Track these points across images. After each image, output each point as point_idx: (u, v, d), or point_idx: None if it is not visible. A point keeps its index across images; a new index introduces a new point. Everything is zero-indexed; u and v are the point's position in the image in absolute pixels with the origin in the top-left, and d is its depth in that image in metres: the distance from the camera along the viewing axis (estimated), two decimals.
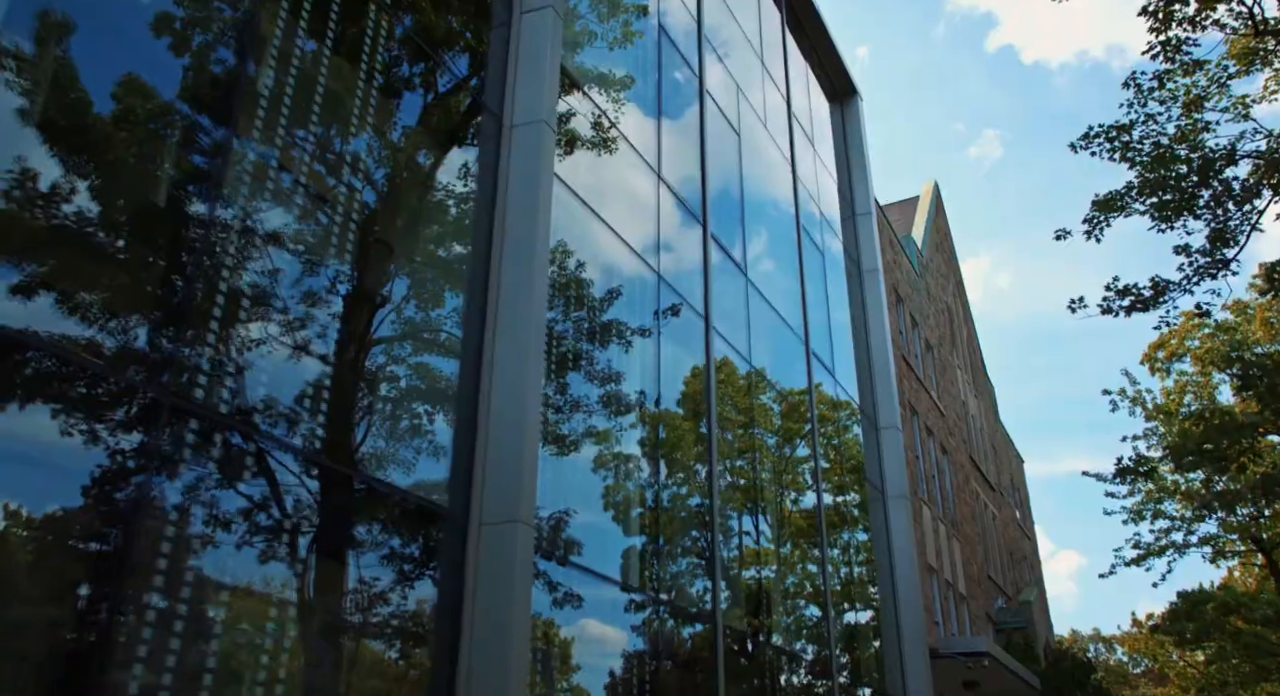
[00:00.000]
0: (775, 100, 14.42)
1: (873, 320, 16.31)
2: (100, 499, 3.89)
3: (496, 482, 5.84)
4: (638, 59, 9.87)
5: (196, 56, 4.83)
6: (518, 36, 7.49)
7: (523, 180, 6.79)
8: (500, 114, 7.19)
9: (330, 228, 5.46)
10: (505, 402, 6.08)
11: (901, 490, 14.98)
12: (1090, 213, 13.37)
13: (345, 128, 5.77)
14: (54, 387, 3.79)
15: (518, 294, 6.39)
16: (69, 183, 3.97)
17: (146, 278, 4.34)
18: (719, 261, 10.54)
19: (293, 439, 4.88)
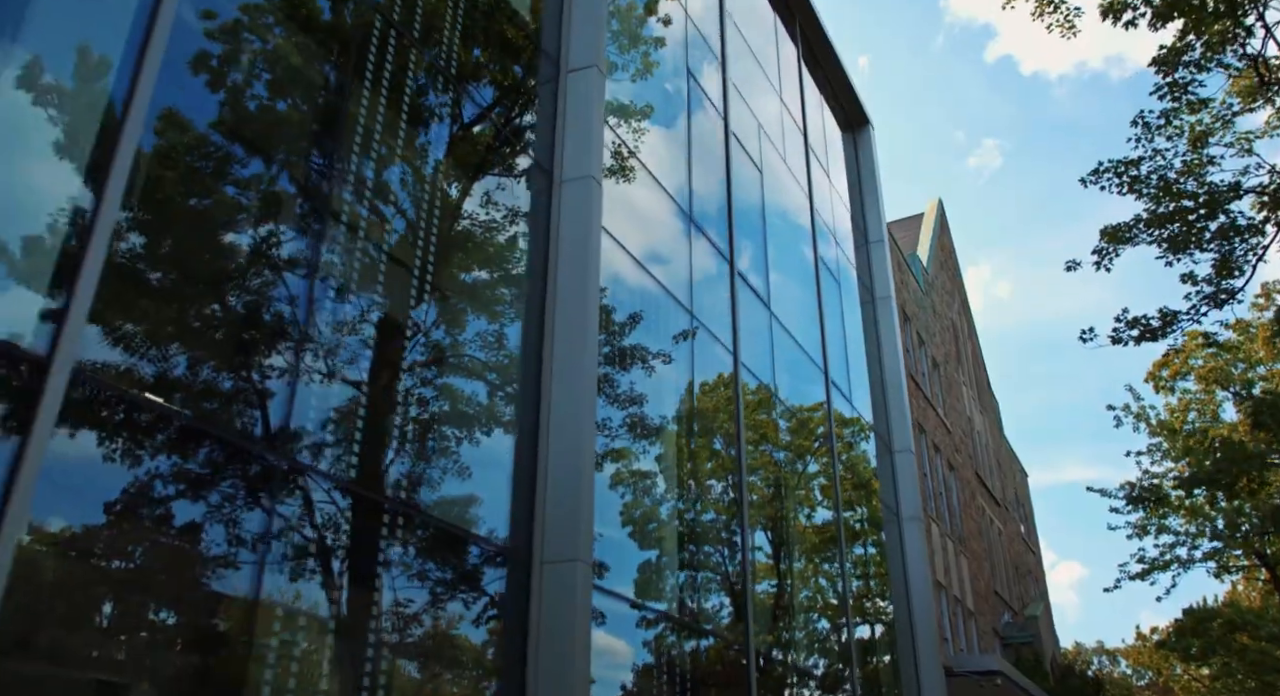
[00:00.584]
0: (793, 135, 14.87)
1: (886, 345, 16.73)
2: (204, 541, 4.30)
3: (556, 524, 6.24)
4: (670, 105, 10.32)
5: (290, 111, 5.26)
6: (564, 93, 7.93)
7: (573, 235, 7.22)
8: (550, 169, 7.63)
9: (402, 278, 5.88)
10: (562, 447, 6.49)
11: (915, 512, 15.36)
12: (1099, 243, 13.82)
13: (411, 181, 6.20)
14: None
15: (571, 344, 6.81)
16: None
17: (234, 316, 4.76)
18: (745, 298, 10.97)
19: (371, 487, 5.29)
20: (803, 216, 14.51)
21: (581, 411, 6.60)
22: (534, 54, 8.01)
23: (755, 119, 13.05)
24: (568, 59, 8.10)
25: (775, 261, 12.53)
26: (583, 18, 8.22)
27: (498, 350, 6.77)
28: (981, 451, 37.46)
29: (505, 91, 7.70)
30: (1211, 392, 29.38)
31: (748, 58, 13.44)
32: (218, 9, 4.95)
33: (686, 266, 9.69)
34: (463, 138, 7.09)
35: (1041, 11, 14.17)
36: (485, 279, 7.00)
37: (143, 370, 4.15)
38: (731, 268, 10.76)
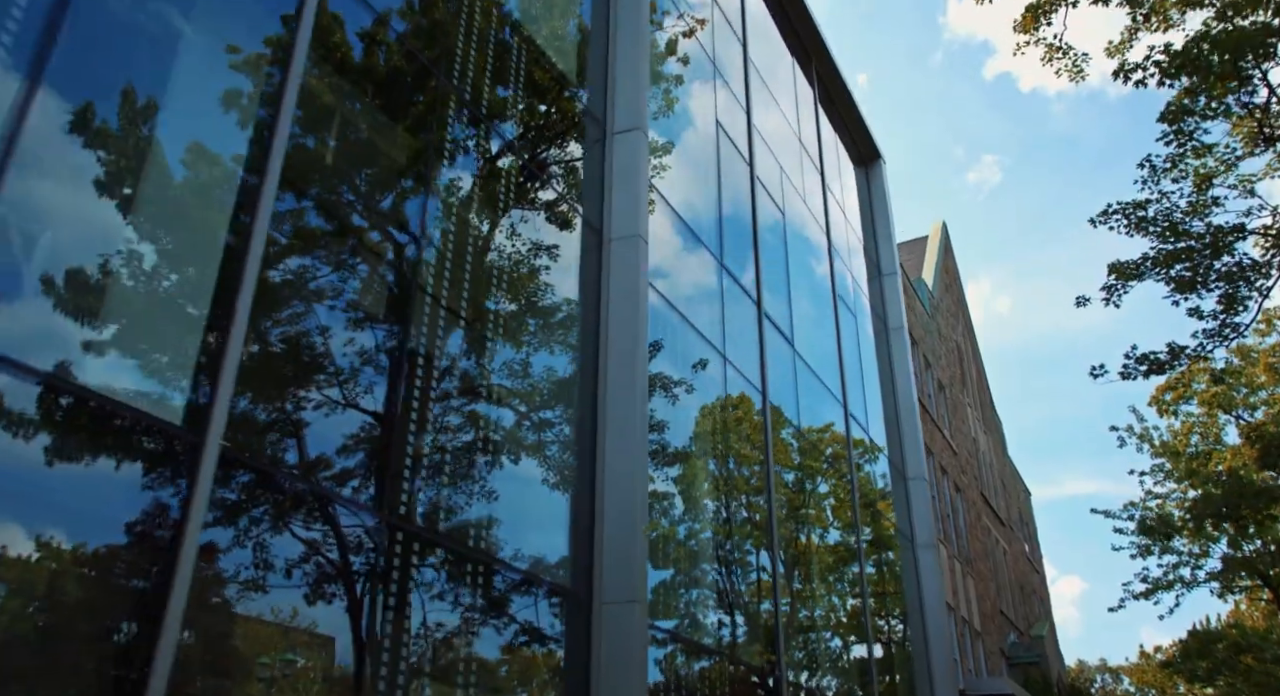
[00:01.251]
0: (811, 174, 15.41)
1: (899, 375, 17.21)
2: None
3: (613, 568, 6.70)
4: (702, 157, 10.84)
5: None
6: (611, 154, 8.44)
7: (622, 294, 7.71)
8: (600, 228, 8.13)
9: (473, 339, 6.36)
10: (616, 497, 6.95)
11: (930, 539, 15.80)
12: (1108, 280, 14.34)
13: (472, 237, 6.69)
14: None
15: (623, 398, 7.29)
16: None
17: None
18: (772, 337, 11.46)
19: (450, 533, 5.76)
20: (821, 253, 15.02)
21: (634, 464, 7.07)
22: (582, 115, 8.52)
23: (777, 163, 13.57)
24: (613, 121, 8.62)
25: (797, 300, 13.03)
26: (626, 82, 8.74)
27: (556, 402, 7.24)
28: (986, 472, 37.80)
29: (556, 151, 8.20)
30: (1214, 416, 29.87)
31: (770, 103, 13.98)
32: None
33: (719, 310, 10.18)
34: (519, 194, 7.58)
35: (1051, 58, 14.72)
36: (541, 332, 7.48)
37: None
38: (759, 310, 11.26)
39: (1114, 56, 15.10)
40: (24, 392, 3.56)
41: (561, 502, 6.95)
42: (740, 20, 13.55)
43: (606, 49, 9.00)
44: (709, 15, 12.21)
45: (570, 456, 7.14)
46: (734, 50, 13.00)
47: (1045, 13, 14.92)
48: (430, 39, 6.65)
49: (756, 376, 10.78)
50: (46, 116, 3.87)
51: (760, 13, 14.78)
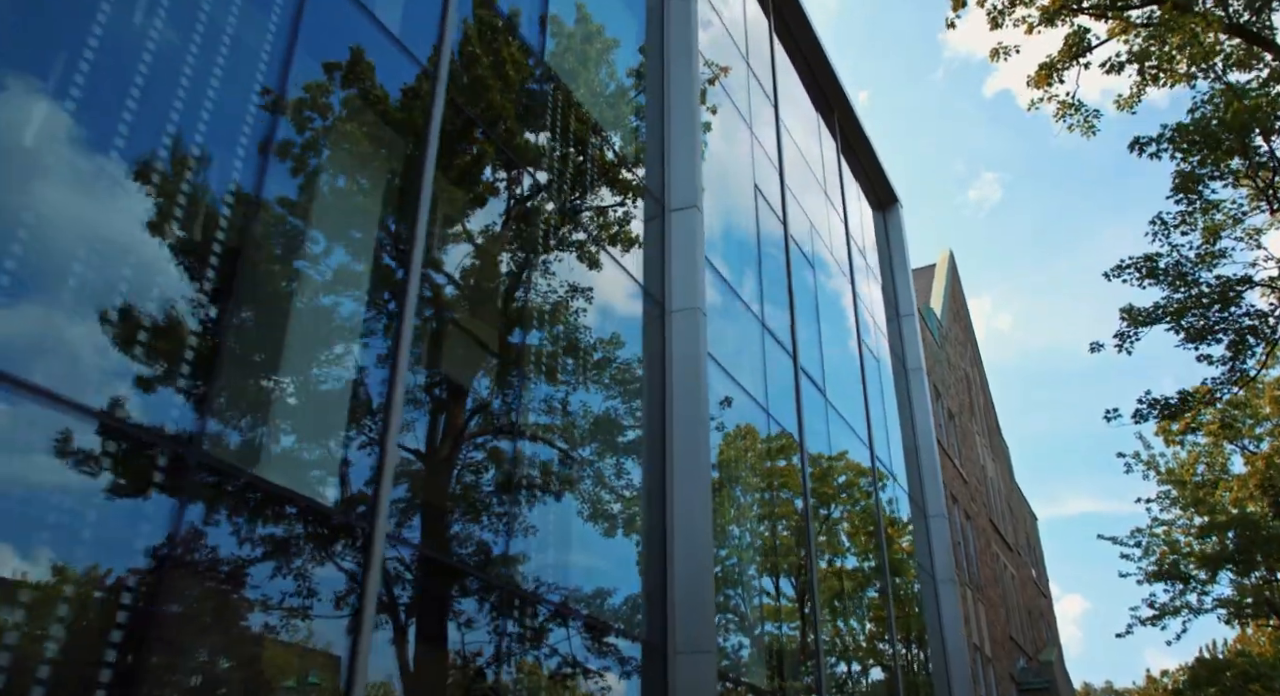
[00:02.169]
0: (836, 224, 16.13)
1: (918, 415, 17.85)
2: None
3: (687, 620, 7.34)
4: (743, 220, 11.55)
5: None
6: (669, 230, 9.14)
7: (685, 362, 8.39)
8: (661, 300, 8.82)
9: (551, 403, 7.03)
10: (686, 552, 7.60)
11: (950, 575, 16.40)
12: (1121, 327, 15.05)
13: (546, 308, 7.38)
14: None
15: (689, 460, 7.95)
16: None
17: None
18: (806, 388, 12.13)
19: (537, 588, 6.41)
20: (847, 300, 15.72)
21: (703, 523, 7.72)
22: (641, 192, 9.22)
23: (807, 217, 14.29)
24: (670, 199, 9.32)
25: (827, 349, 13.71)
26: (681, 163, 9.45)
27: (628, 455, 7.90)
28: (994, 498, 38.27)
29: (619, 227, 8.89)
30: (1220, 447, 30.48)
31: (799, 160, 14.72)
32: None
33: (761, 367, 10.85)
34: (588, 267, 8.26)
35: (1064, 115, 15.47)
36: (610, 394, 8.14)
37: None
38: (795, 364, 11.94)
39: (1124, 109, 15.86)
40: (240, 492, 4.22)
41: (634, 553, 7.59)
42: (771, 81, 14.29)
43: (662, 131, 9.71)
44: (745, 82, 12.95)
45: (640, 510, 7.78)
46: (766, 112, 13.73)
47: (1058, 71, 15.69)
48: (486, 106, 7.36)
49: (794, 425, 11.44)
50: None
51: (786, 67, 15.53)
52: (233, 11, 4.72)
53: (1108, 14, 14.04)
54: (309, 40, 5.22)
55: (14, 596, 3.25)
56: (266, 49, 4.91)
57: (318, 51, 5.34)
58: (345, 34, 5.65)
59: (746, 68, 13.20)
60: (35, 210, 3.64)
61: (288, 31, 5.08)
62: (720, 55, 11.95)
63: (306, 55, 5.20)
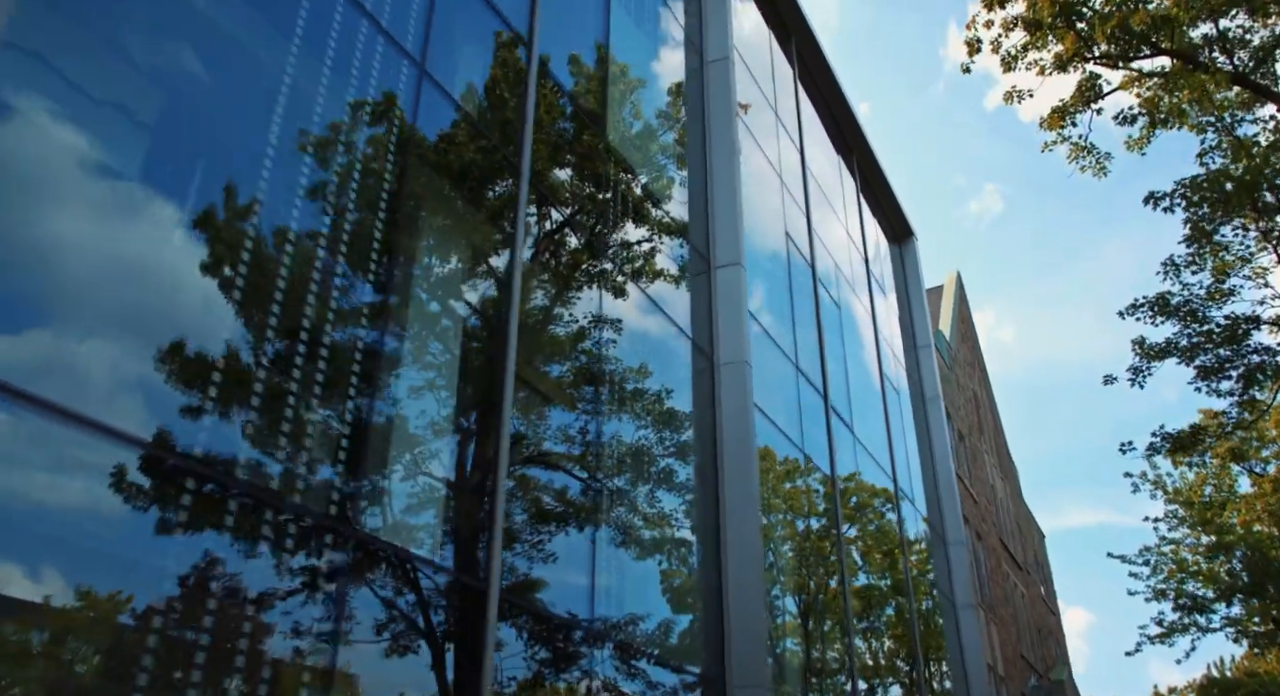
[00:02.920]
0: (857, 263, 16.77)
1: (936, 444, 18.44)
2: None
3: (742, 657, 7.92)
4: (775, 268, 12.18)
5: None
6: (715, 287, 9.76)
7: (734, 412, 8.99)
8: (709, 353, 9.43)
9: (605, 447, 7.63)
10: (741, 594, 8.18)
11: (969, 600, 16.93)
12: (1135, 362, 15.66)
13: (603, 361, 7.98)
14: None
15: (740, 506, 8.55)
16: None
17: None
18: (837, 427, 12.73)
19: (612, 634, 7.00)
20: (868, 335, 16.33)
21: (754, 565, 8.30)
22: (688, 248, 9.85)
23: (831, 258, 14.93)
24: (715, 256, 9.95)
25: (853, 385, 14.31)
26: (724, 223, 10.09)
27: (680, 506, 8.49)
28: (1004, 517, 38.66)
29: (667, 282, 9.50)
30: (1227, 469, 31.00)
31: (823, 203, 15.37)
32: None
33: (796, 408, 11.46)
34: (638, 323, 8.87)
35: (1076, 157, 16.12)
36: (665, 439, 8.74)
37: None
38: (825, 403, 12.54)
39: (1133, 150, 16.52)
40: (364, 555, 4.82)
41: (691, 594, 8.17)
42: (797, 127, 14.95)
43: (705, 191, 10.35)
44: (775, 131, 13.60)
45: (696, 555, 8.37)
46: (793, 157, 14.38)
47: (1070, 114, 16.35)
48: (540, 167, 8.00)
49: (826, 462, 12.04)
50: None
51: (809, 111, 16.19)
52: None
53: (1118, 64, 14.70)
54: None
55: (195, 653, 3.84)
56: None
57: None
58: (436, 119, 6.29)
59: (775, 117, 13.85)
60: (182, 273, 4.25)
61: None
62: (753, 107, 12.59)
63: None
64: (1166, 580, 36.77)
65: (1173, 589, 36.56)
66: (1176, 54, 14.24)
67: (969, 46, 16.95)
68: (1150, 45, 14.29)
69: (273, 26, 4.99)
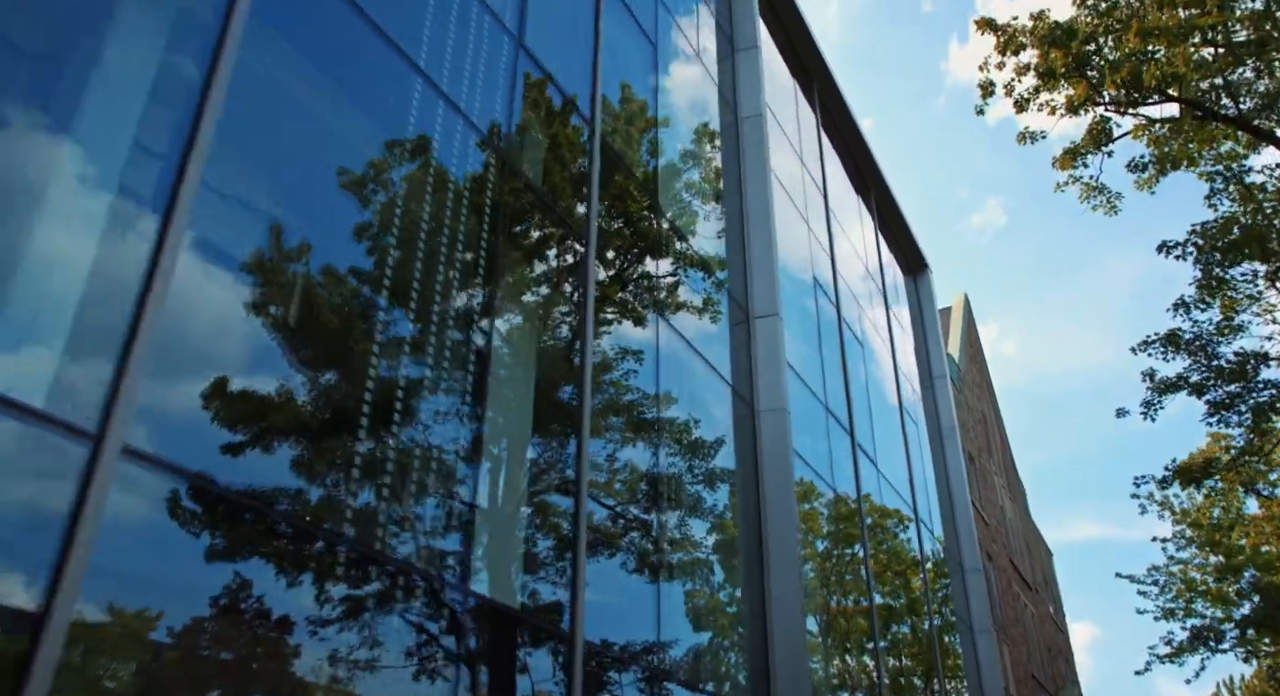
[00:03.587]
0: (877, 299, 17.36)
1: (953, 473, 18.97)
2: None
3: (785, 684, 8.44)
4: (804, 311, 12.75)
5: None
6: (754, 336, 10.33)
7: (774, 457, 9.54)
8: (749, 400, 9.99)
9: (654, 482, 8.18)
10: (783, 630, 8.71)
11: (986, 625, 17.42)
12: (1148, 396, 16.24)
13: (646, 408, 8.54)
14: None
15: (781, 538, 9.09)
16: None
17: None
18: (862, 462, 13.28)
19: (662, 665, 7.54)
20: (888, 370, 16.89)
21: (795, 609, 8.83)
22: (728, 300, 10.43)
23: (853, 296, 15.52)
24: (753, 308, 10.53)
25: (875, 420, 14.87)
26: (760, 274, 10.67)
27: (724, 543, 9.02)
28: (1013, 537, 39.04)
29: (708, 331, 10.07)
30: (1235, 491, 31.46)
31: (845, 243, 15.97)
32: None
33: (827, 448, 12.01)
34: (684, 369, 9.43)
35: (1088, 196, 16.73)
36: (716, 491, 9.28)
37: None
38: (852, 440, 13.10)
39: (1142, 189, 17.15)
40: (455, 606, 5.37)
41: (739, 630, 8.71)
42: (820, 171, 15.56)
43: (742, 244, 10.95)
44: (800, 178, 14.21)
45: (742, 593, 8.91)
46: (817, 201, 14.99)
47: (1082, 155, 16.97)
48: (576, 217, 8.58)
49: (852, 493, 12.58)
50: None
51: (830, 154, 16.81)
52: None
53: (1127, 110, 15.33)
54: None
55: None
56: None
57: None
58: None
59: (800, 164, 14.46)
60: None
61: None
62: (780, 153, 13.20)
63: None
64: (1175, 599, 37.16)
65: (1181, 608, 36.97)
66: (1184, 101, 14.86)
67: (982, 89, 17.60)
68: (1159, 93, 14.90)
69: (363, 111, 5.60)
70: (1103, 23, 15.22)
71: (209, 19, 4.43)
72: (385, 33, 5.66)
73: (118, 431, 3.46)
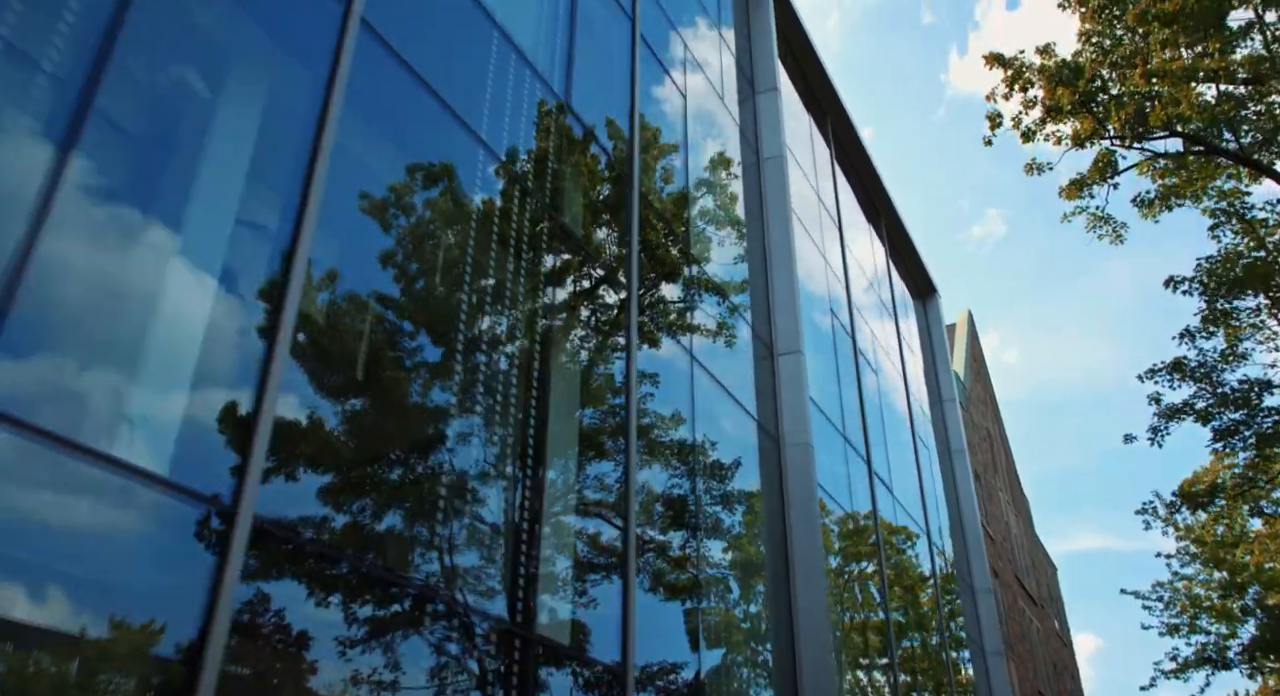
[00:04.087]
0: (889, 326, 17.82)
1: (963, 495, 19.38)
2: None
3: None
4: (821, 344, 13.21)
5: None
6: (778, 373, 10.78)
7: (798, 489, 9.98)
8: (774, 434, 10.43)
9: (688, 518, 8.60)
10: (813, 659, 9.12)
11: (998, 646, 17.80)
12: (1155, 422, 16.70)
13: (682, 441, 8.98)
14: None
15: (807, 574, 9.50)
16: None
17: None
18: (879, 489, 13.71)
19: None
20: (900, 396, 17.33)
21: (821, 628, 9.25)
22: (752, 337, 10.89)
23: (868, 325, 15.97)
24: (777, 344, 10.98)
25: (889, 446, 15.30)
26: (783, 311, 11.13)
27: (748, 563, 9.44)
28: (1018, 553, 39.35)
29: (736, 367, 10.52)
30: (1239, 510, 31.86)
31: (859, 272, 16.43)
32: None
33: (845, 476, 12.44)
34: (713, 404, 9.86)
35: (1094, 226, 17.22)
36: (744, 522, 9.71)
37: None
38: (869, 468, 13.53)
39: (1147, 217, 17.64)
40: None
41: (767, 657, 9.13)
42: (834, 203, 16.04)
43: (765, 283, 11.40)
44: (816, 212, 14.68)
45: (769, 623, 9.33)
46: (832, 232, 15.46)
47: (1088, 186, 17.46)
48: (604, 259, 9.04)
49: (872, 521, 13.01)
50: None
51: (843, 183, 17.29)
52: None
53: (1131, 145, 15.83)
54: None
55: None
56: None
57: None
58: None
59: (816, 198, 14.94)
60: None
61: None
62: (796, 185, 13.67)
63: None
64: (1180, 615, 37.49)
65: (1186, 624, 37.30)
66: (1187, 137, 15.36)
67: (990, 120, 18.10)
68: (1163, 128, 15.40)
69: (426, 179, 6.07)
70: (1107, 58, 15.73)
71: (308, 112, 4.91)
72: (464, 122, 6.16)
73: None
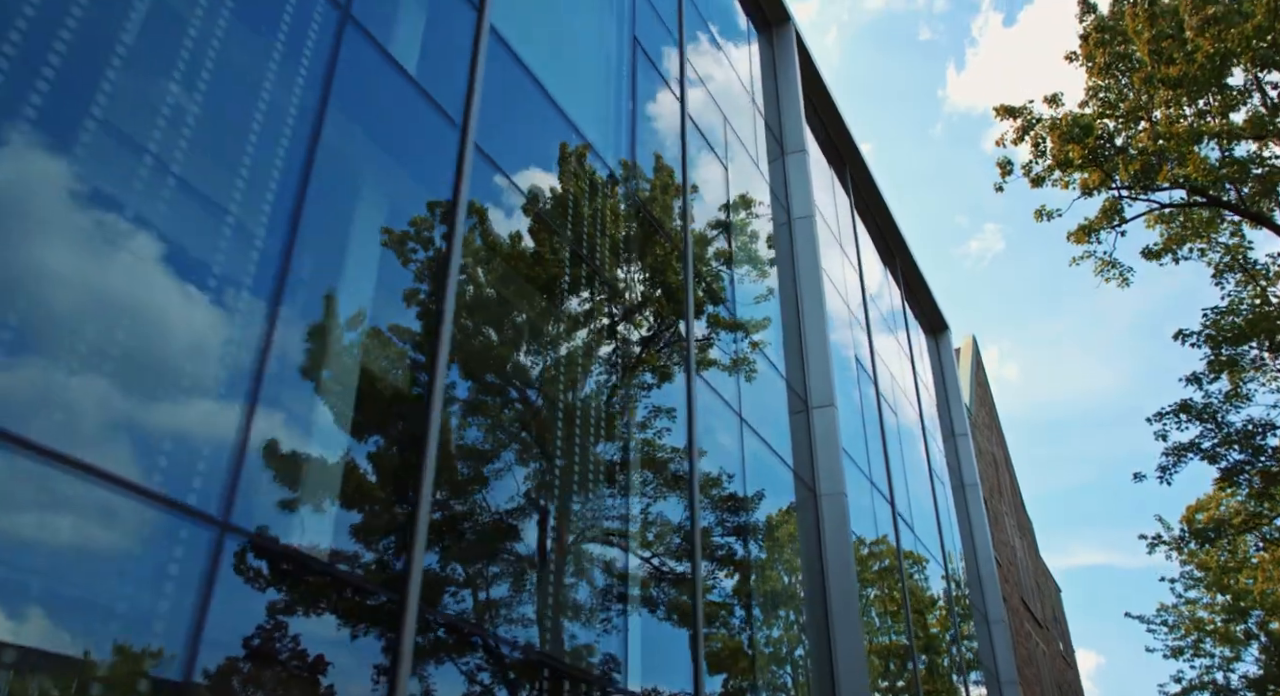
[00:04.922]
0: (905, 365, 18.52)
1: (976, 528, 20.03)
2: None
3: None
4: (849, 393, 13.91)
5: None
6: (813, 425, 11.47)
7: (834, 537, 10.66)
8: (812, 486, 11.11)
9: (731, 567, 9.26)
10: (849, 678, 9.78)
11: (1012, 677, 18.41)
12: (1164, 460, 17.42)
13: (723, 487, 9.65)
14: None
15: (844, 619, 10.16)
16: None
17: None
18: (903, 530, 14.38)
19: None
20: (917, 434, 18.02)
21: (857, 660, 9.91)
22: (787, 389, 11.59)
23: (889, 370, 16.68)
24: (811, 398, 11.67)
25: (910, 485, 15.98)
26: (816, 367, 11.84)
27: (793, 607, 10.10)
28: (1024, 575, 39.88)
29: (775, 422, 11.21)
30: (1241, 536, 32.52)
31: (878, 318, 17.16)
32: None
33: (871, 511, 13.13)
34: (755, 456, 10.54)
35: (1102, 270, 17.96)
36: (784, 557, 10.37)
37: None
38: (893, 510, 14.20)
39: (1151, 260, 18.41)
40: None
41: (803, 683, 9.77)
42: (855, 252, 16.78)
43: (800, 340, 12.11)
44: (840, 263, 15.42)
45: (811, 667, 9.98)
46: (853, 279, 16.19)
47: (1095, 232, 18.22)
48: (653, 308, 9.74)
49: (890, 543, 13.68)
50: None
51: (862, 232, 18.04)
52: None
53: (1138, 196, 16.60)
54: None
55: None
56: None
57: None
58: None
59: (840, 250, 15.68)
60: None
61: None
62: (823, 239, 14.40)
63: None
64: (1184, 638, 38.09)
65: (1190, 647, 37.90)
66: (1192, 188, 16.13)
67: (1000, 167, 18.87)
68: (1169, 180, 16.17)
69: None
70: (1115, 113, 16.52)
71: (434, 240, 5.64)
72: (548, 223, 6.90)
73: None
